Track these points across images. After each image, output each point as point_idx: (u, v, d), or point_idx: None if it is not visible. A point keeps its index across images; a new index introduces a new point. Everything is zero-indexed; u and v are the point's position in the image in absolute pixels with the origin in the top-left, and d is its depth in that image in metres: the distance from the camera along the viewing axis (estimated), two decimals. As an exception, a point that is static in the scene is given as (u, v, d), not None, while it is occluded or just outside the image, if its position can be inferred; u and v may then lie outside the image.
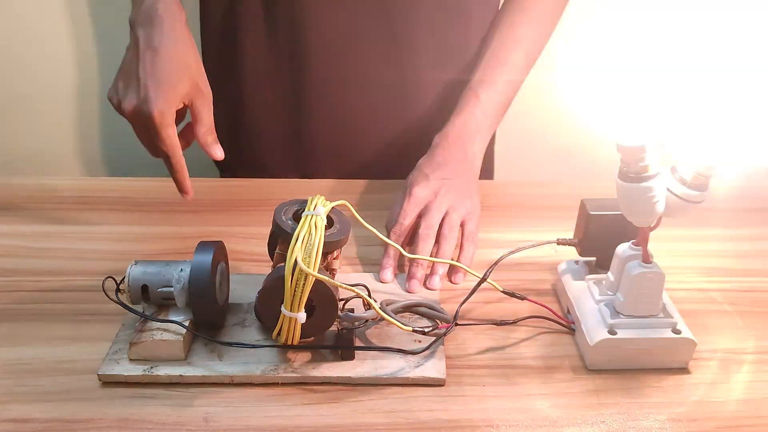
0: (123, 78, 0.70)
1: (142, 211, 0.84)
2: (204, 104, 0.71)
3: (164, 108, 0.66)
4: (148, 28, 0.68)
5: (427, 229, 0.73)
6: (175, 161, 0.70)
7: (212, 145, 0.71)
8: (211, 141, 0.71)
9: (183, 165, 0.70)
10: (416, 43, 0.89)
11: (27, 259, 0.74)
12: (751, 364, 0.62)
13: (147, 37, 0.68)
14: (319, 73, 0.89)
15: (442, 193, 0.76)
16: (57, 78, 1.26)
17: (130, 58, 0.70)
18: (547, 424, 0.55)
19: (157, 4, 0.69)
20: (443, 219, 0.74)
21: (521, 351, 0.63)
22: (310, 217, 0.57)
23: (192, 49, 0.71)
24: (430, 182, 0.76)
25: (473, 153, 0.81)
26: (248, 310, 0.65)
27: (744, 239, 0.81)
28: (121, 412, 0.55)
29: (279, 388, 0.58)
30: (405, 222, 0.74)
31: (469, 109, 0.82)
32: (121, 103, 0.68)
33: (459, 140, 0.81)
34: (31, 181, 0.91)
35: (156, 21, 0.68)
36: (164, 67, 0.67)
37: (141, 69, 0.67)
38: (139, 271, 0.60)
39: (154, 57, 0.67)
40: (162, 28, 0.68)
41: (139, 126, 0.69)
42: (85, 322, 0.65)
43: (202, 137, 0.71)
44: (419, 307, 0.66)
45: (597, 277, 0.66)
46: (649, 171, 0.54)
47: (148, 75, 0.67)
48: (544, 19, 0.88)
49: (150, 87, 0.66)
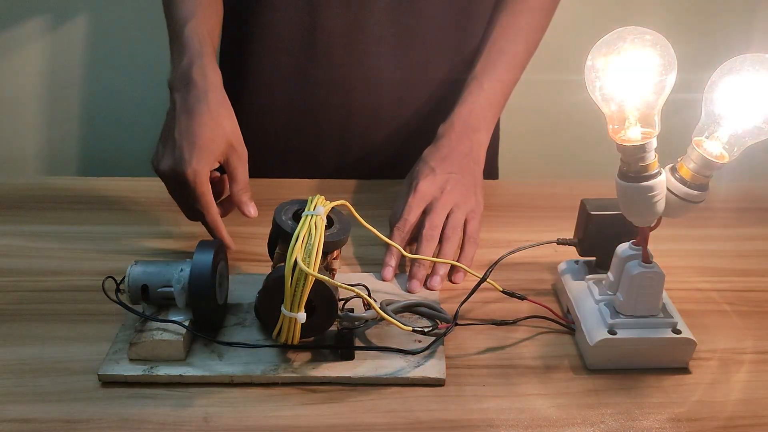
0: (162, 141, 0.72)
1: (142, 211, 0.84)
2: (239, 163, 0.72)
3: (198, 168, 0.68)
4: (183, 92, 0.71)
5: (431, 230, 0.73)
6: (210, 219, 0.71)
7: (247, 204, 0.72)
8: (246, 199, 0.72)
9: (219, 222, 0.71)
10: (425, 42, 0.89)
11: (27, 259, 0.74)
12: (750, 364, 0.62)
13: (183, 101, 0.70)
14: (325, 73, 0.89)
15: (447, 189, 0.76)
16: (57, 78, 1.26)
17: (168, 122, 0.72)
18: (547, 424, 0.55)
19: (193, 67, 0.71)
20: (447, 217, 0.74)
21: (521, 351, 0.63)
22: (310, 217, 0.57)
23: (227, 110, 0.72)
24: (436, 176, 0.76)
25: (479, 143, 0.82)
26: (248, 310, 0.65)
27: (744, 239, 0.81)
28: (120, 412, 0.55)
29: (279, 388, 0.58)
30: (410, 218, 0.74)
31: (474, 99, 0.83)
32: (159, 165, 0.70)
33: (465, 130, 0.81)
34: (31, 181, 0.91)
35: (191, 85, 0.70)
36: (199, 128, 0.69)
37: (177, 131, 0.69)
38: (139, 271, 0.60)
39: (189, 119, 0.69)
40: (197, 91, 0.70)
41: (175, 185, 0.70)
42: (85, 322, 0.65)
43: (237, 195, 0.72)
44: (419, 307, 0.66)
45: (597, 277, 0.66)
46: (649, 170, 0.54)
47: (183, 137, 0.69)
48: (544, 8, 0.89)
49: (185, 148, 0.68)
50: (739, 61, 0.54)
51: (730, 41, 1.26)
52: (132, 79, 1.27)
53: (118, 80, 1.27)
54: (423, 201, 0.75)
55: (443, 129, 0.82)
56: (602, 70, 0.54)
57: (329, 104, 0.92)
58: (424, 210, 0.75)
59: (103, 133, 1.32)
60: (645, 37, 0.52)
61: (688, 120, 0.57)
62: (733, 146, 0.55)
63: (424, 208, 0.75)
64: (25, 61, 1.24)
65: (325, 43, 0.87)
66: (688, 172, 0.55)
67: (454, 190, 0.76)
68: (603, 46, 0.54)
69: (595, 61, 0.54)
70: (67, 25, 1.22)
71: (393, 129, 0.95)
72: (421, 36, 0.89)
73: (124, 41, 1.24)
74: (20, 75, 1.25)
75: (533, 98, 1.28)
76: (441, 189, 0.76)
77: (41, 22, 1.21)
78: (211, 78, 0.71)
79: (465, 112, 0.82)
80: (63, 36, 1.22)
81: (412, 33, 0.88)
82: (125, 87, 1.28)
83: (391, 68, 0.90)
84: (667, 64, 0.52)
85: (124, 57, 1.25)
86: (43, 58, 1.24)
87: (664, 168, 0.56)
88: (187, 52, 0.72)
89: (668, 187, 0.56)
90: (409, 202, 0.75)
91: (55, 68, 1.25)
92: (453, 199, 0.75)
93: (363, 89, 0.91)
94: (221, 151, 0.70)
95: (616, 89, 0.54)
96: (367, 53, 0.88)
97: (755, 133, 0.54)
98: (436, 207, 0.75)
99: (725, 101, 0.54)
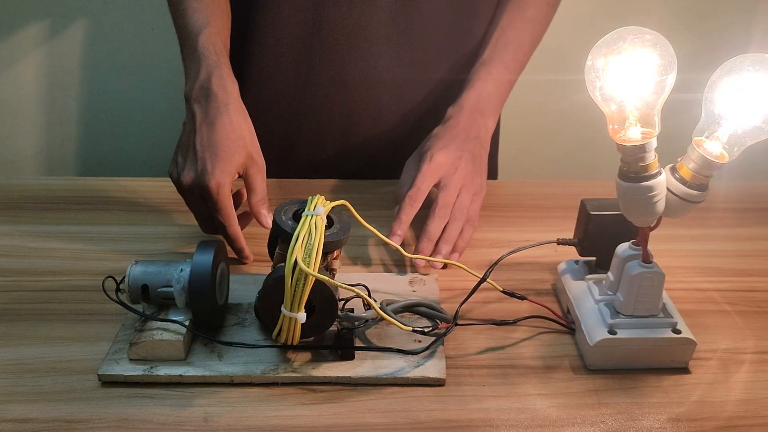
0: (181, 152, 0.72)
1: (142, 211, 0.84)
2: (257, 174, 0.73)
3: (221, 179, 0.68)
4: (203, 103, 0.71)
5: (444, 209, 0.75)
6: (232, 231, 0.71)
7: (265, 216, 0.73)
8: (265, 211, 0.73)
9: (239, 234, 0.72)
10: (426, 42, 0.89)
11: (27, 259, 0.74)
12: (750, 364, 0.62)
13: (203, 112, 0.71)
14: (327, 72, 0.89)
15: (461, 167, 0.77)
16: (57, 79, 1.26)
17: (187, 133, 0.72)
18: (547, 424, 0.55)
19: (212, 78, 0.72)
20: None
21: (521, 351, 0.63)
22: (310, 217, 0.57)
23: (246, 121, 0.73)
24: (450, 152, 0.77)
25: (486, 128, 0.83)
26: (248, 310, 0.65)
27: (744, 239, 0.81)
28: (120, 412, 0.55)
29: (279, 388, 0.58)
30: (422, 187, 0.75)
31: (482, 84, 0.84)
32: (180, 177, 0.70)
33: (473, 114, 0.82)
34: (31, 181, 0.91)
35: (211, 96, 0.71)
36: (220, 140, 0.69)
37: (198, 143, 0.70)
38: (139, 270, 0.60)
39: (210, 131, 0.70)
40: (217, 103, 0.71)
41: (196, 198, 0.71)
42: (85, 322, 0.65)
43: (255, 206, 0.73)
44: (419, 307, 0.66)
45: (597, 277, 0.66)
46: (649, 170, 0.54)
47: (205, 148, 0.69)
48: (550, 2, 0.90)
49: (207, 159, 0.69)
50: (739, 61, 0.54)
51: (730, 41, 1.26)
52: (131, 81, 1.27)
53: (117, 82, 1.27)
54: (437, 172, 0.76)
55: (452, 111, 0.83)
56: (602, 70, 0.54)
57: (330, 104, 0.92)
58: (436, 184, 0.76)
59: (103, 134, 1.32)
60: (645, 37, 0.52)
61: (688, 120, 0.57)
62: (733, 146, 0.55)
63: (437, 181, 0.76)
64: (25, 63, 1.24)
65: (327, 42, 0.87)
66: (688, 172, 0.55)
67: (466, 168, 0.77)
68: (603, 46, 0.54)
69: (595, 61, 0.54)
70: (67, 27, 1.22)
71: (394, 129, 0.95)
72: (422, 36, 0.89)
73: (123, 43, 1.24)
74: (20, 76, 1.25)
75: (533, 98, 1.29)
76: (455, 165, 0.77)
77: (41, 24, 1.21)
78: (230, 89, 0.72)
79: (474, 96, 0.83)
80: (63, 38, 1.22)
81: (414, 33, 0.88)
82: (124, 88, 1.28)
83: (393, 68, 0.90)
84: (667, 64, 0.52)
85: (124, 58, 1.25)
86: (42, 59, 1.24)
87: (664, 168, 0.56)
88: (204, 63, 0.72)
89: (668, 187, 0.56)
90: (424, 171, 0.76)
91: (54, 70, 1.25)
92: (463, 179, 0.77)
93: (364, 89, 0.91)
94: (241, 162, 0.71)
95: (616, 89, 0.54)
96: (369, 53, 0.88)
97: (755, 133, 0.54)
98: (450, 184, 0.76)
99: (725, 101, 0.54)
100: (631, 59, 0.53)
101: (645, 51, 0.52)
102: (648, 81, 0.52)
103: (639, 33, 0.53)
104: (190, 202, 0.72)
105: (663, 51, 0.52)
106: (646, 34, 0.52)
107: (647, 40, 0.52)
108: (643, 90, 0.53)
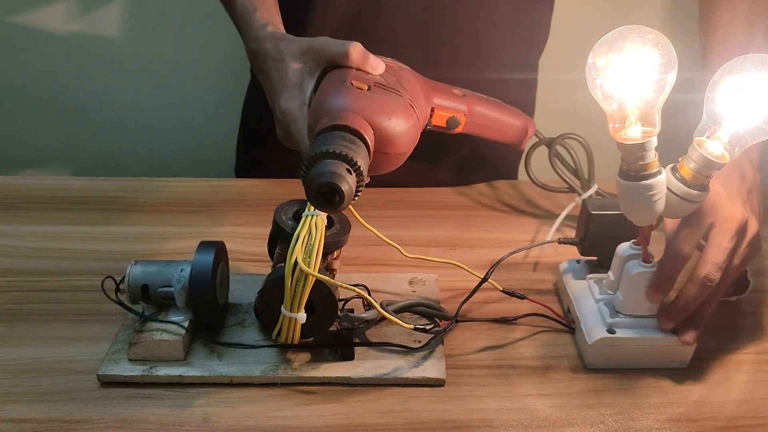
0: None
1: (142, 211, 0.84)
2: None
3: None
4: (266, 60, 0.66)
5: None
6: None
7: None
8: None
9: None
10: (453, 44, 0.88)
11: (27, 259, 0.74)
12: (750, 364, 0.62)
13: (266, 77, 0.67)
14: None
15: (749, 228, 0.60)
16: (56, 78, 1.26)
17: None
18: (547, 424, 0.55)
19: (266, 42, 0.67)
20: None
21: (521, 351, 0.62)
22: (310, 218, 0.57)
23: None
24: (744, 205, 0.61)
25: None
26: (248, 310, 0.65)
27: (744, 239, 0.81)
28: (120, 413, 0.55)
29: (278, 389, 0.58)
30: (720, 261, 0.57)
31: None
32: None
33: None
34: (30, 182, 0.91)
35: (269, 61, 0.66)
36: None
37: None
38: (139, 270, 0.60)
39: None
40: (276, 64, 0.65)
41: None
42: (85, 322, 0.65)
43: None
44: (419, 307, 0.65)
45: (598, 277, 0.66)
46: (649, 169, 0.54)
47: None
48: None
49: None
50: (740, 61, 0.53)
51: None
52: (131, 81, 1.27)
53: (116, 82, 1.27)
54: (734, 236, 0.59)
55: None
56: (603, 68, 0.53)
57: None
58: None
59: (103, 134, 1.32)
60: (646, 35, 0.52)
61: (689, 120, 0.56)
62: (734, 146, 0.54)
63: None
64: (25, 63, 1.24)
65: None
66: (689, 172, 0.55)
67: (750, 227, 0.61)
68: (604, 44, 0.54)
69: (596, 59, 0.54)
70: (67, 26, 1.22)
71: None
72: (450, 42, 0.88)
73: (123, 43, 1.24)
74: (20, 76, 1.25)
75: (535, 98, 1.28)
76: (744, 225, 0.60)
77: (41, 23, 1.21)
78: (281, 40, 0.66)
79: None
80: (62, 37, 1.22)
81: (442, 39, 0.87)
82: (124, 88, 1.28)
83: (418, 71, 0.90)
84: (668, 63, 0.52)
85: (123, 58, 1.25)
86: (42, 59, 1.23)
87: (665, 167, 0.56)
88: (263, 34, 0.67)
89: (669, 187, 0.56)
90: (722, 240, 0.58)
91: (54, 70, 1.25)
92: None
93: None
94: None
95: (617, 87, 0.54)
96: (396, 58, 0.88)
97: (756, 133, 0.54)
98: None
99: (726, 101, 0.54)
100: (632, 57, 0.52)
101: (646, 50, 0.52)
102: (649, 79, 0.52)
103: (640, 32, 0.52)
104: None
105: (664, 50, 0.52)
106: (648, 32, 0.52)
107: (648, 38, 0.52)
108: (643, 89, 0.53)
